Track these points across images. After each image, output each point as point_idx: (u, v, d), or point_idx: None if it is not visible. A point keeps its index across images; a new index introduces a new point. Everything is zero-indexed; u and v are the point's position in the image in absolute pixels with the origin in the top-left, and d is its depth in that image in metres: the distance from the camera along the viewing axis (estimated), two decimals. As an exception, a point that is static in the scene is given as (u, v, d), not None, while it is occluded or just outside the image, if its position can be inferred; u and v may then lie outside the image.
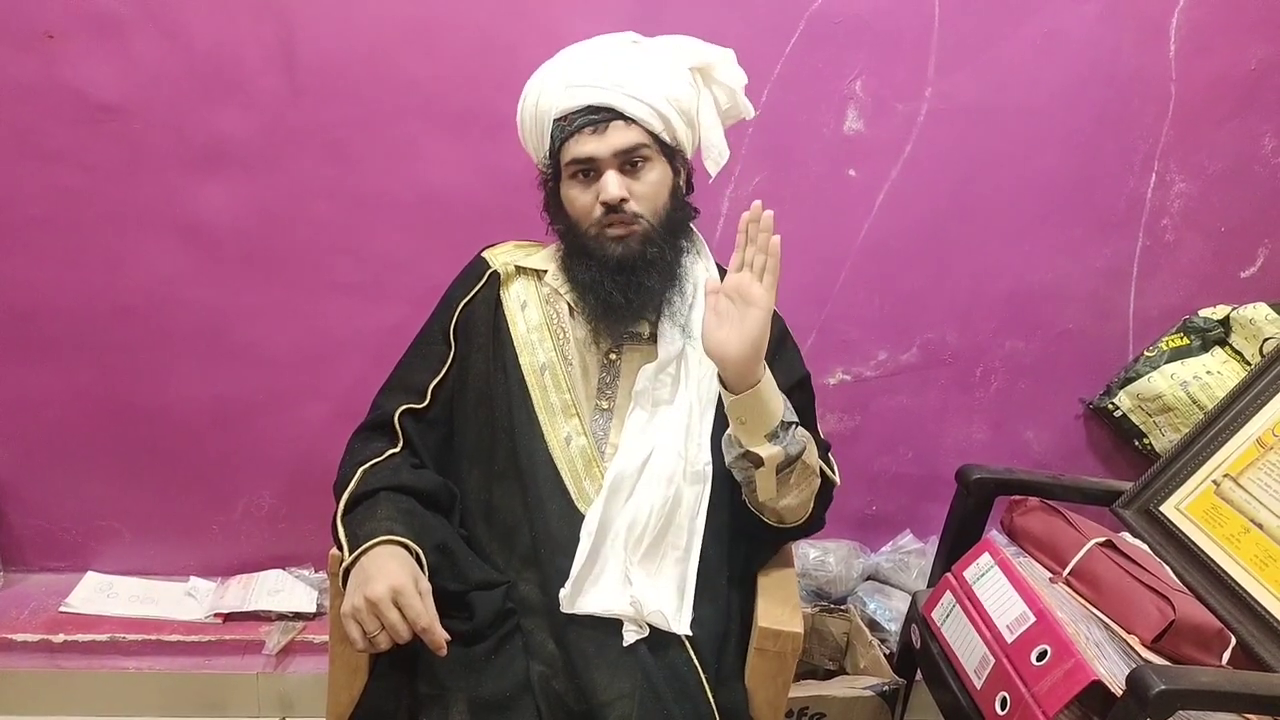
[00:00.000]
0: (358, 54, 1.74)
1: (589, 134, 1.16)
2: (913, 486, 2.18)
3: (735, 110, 1.31)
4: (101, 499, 2.00)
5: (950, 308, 2.04)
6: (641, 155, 1.18)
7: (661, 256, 1.20)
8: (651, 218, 1.19)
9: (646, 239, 1.19)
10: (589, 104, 1.16)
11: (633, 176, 1.18)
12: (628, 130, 1.16)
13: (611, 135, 1.16)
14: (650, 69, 1.19)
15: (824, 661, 1.94)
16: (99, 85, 1.71)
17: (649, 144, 1.18)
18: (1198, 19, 1.86)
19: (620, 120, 1.16)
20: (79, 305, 1.85)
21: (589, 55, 1.20)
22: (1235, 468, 1.47)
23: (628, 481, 1.16)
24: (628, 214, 1.17)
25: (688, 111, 1.22)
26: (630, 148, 1.16)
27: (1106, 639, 1.26)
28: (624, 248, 1.18)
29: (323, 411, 1.98)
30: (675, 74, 1.21)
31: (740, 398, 1.08)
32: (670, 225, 1.22)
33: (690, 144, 1.26)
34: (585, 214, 1.20)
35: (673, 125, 1.20)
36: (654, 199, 1.19)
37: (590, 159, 1.17)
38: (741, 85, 1.29)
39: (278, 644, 1.86)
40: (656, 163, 1.20)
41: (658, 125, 1.18)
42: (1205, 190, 1.98)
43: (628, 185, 1.17)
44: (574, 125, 1.17)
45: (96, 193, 1.78)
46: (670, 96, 1.19)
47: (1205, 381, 1.93)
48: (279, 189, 1.81)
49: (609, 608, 1.11)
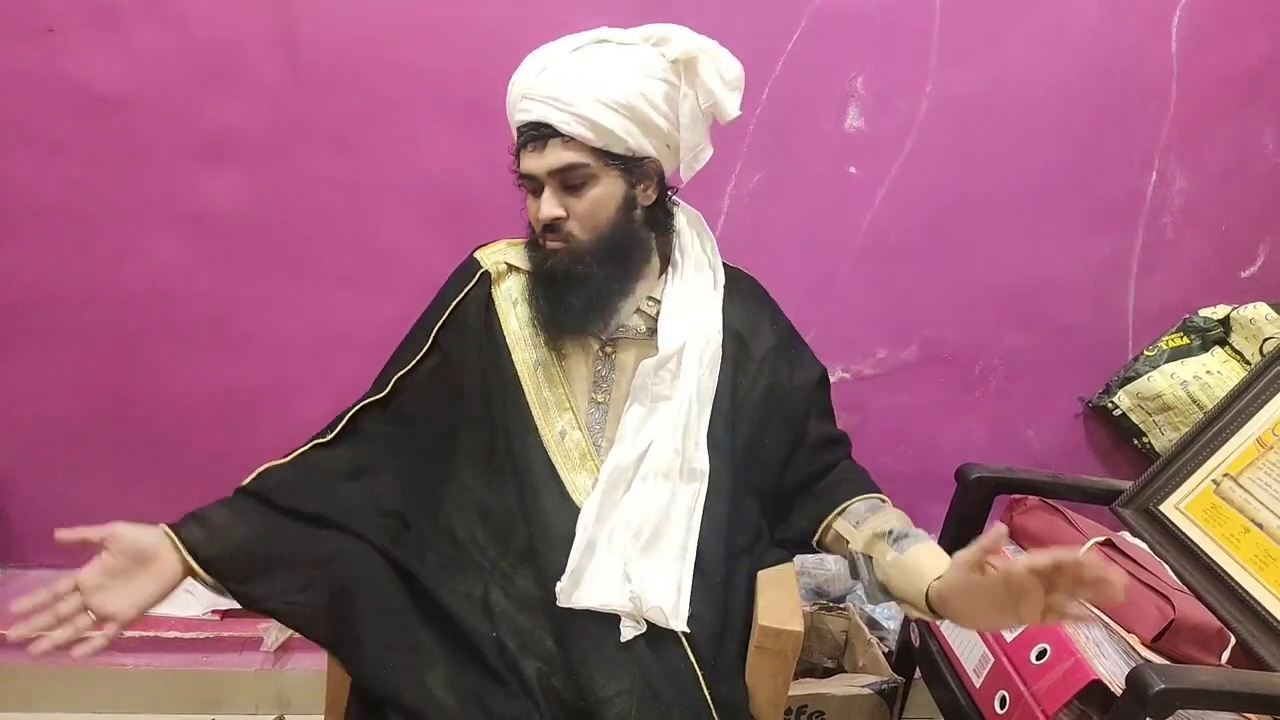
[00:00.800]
0: (360, 44, 1.74)
1: (531, 150, 1.16)
2: (912, 485, 2.17)
3: (718, 109, 1.21)
4: (102, 494, 2.00)
5: (950, 305, 2.04)
6: (580, 175, 1.15)
7: (589, 275, 1.18)
8: (586, 235, 1.17)
9: (574, 257, 1.18)
10: (531, 121, 1.15)
11: (572, 194, 1.16)
12: (564, 149, 1.13)
13: (549, 154, 1.14)
14: (603, 77, 1.13)
15: (823, 660, 1.94)
16: (101, 77, 1.71)
17: (588, 163, 1.14)
18: (1199, 15, 1.86)
19: (557, 139, 1.13)
20: (81, 297, 1.85)
21: (543, 65, 1.16)
22: (1235, 467, 1.47)
23: (624, 475, 1.16)
24: (561, 232, 1.17)
25: (646, 116, 1.15)
26: (565, 168, 1.14)
27: (1106, 638, 1.26)
28: (552, 261, 1.19)
29: (325, 404, 1.94)
30: (638, 74, 1.15)
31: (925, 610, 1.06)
32: (613, 240, 1.19)
33: (664, 146, 1.20)
34: (534, 223, 1.21)
35: (620, 136, 1.14)
36: (593, 216, 1.17)
37: (531, 175, 1.17)
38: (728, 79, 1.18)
39: (276, 640, 1.86)
40: (601, 178, 1.16)
41: (596, 140, 1.13)
42: (1206, 187, 1.98)
43: (566, 203, 1.16)
44: (522, 139, 1.17)
45: (99, 184, 1.78)
46: (622, 104, 1.13)
47: (1205, 381, 1.93)
48: (281, 180, 1.81)
49: (607, 602, 1.11)
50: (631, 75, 1.14)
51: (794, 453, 1.28)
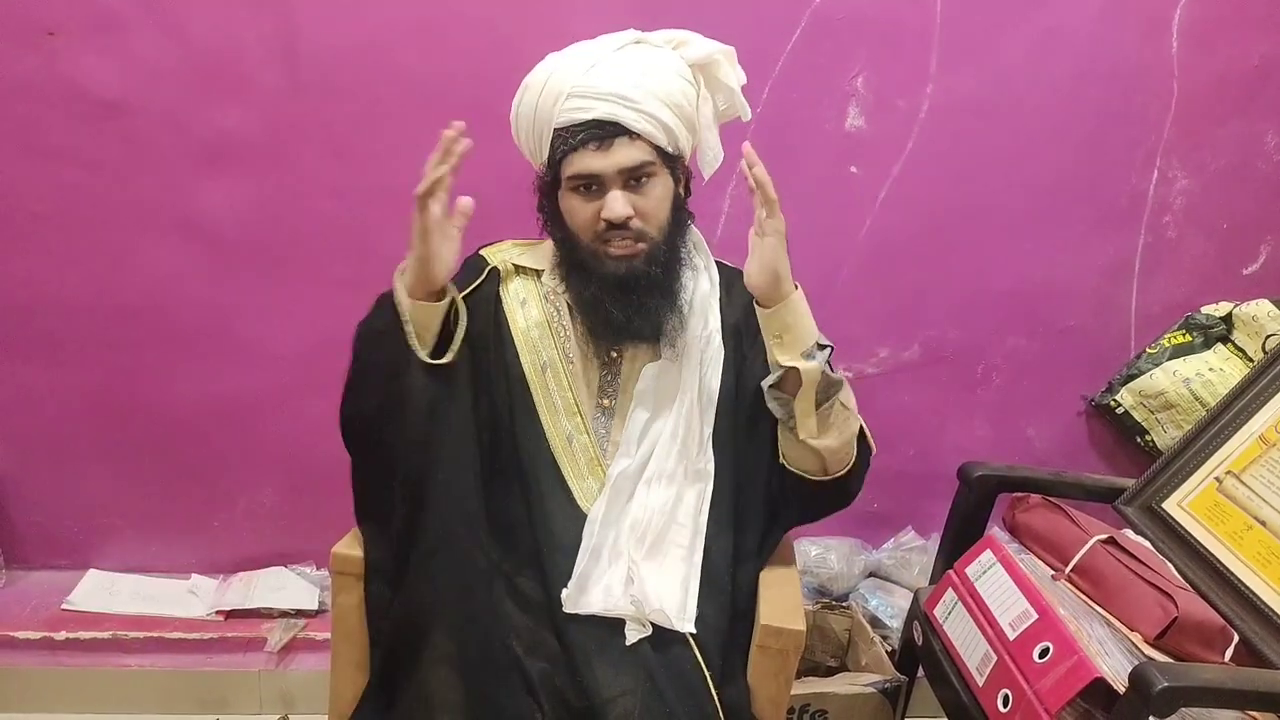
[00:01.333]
0: (359, 49, 1.74)
1: (593, 150, 1.12)
2: (914, 483, 2.18)
3: (732, 110, 1.28)
4: (103, 496, 2.00)
5: (952, 304, 2.04)
6: (647, 172, 1.14)
7: (664, 277, 1.18)
8: (656, 233, 1.17)
9: (651, 259, 1.16)
10: (593, 119, 1.12)
11: (637, 192, 1.14)
12: (632, 147, 1.12)
13: (616, 152, 1.12)
14: (654, 74, 1.15)
15: (826, 659, 1.93)
16: (100, 82, 1.71)
17: (654, 159, 1.14)
18: (1200, 16, 1.86)
19: (625, 135, 1.12)
20: (81, 302, 1.85)
21: (591, 62, 1.14)
22: (1238, 464, 1.46)
23: (630, 480, 1.17)
24: (632, 231, 1.15)
25: (689, 115, 1.18)
26: (637, 165, 1.13)
27: (1109, 636, 1.26)
28: (627, 267, 1.16)
29: (324, 408, 1.95)
30: (677, 75, 1.18)
31: (772, 311, 1.11)
32: (672, 239, 1.20)
33: (689, 147, 1.23)
34: (586, 227, 1.17)
35: (675, 134, 1.16)
36: (658, 214, 1.17)
37: (595, 175, 1.13)
38: (740, 85, 1.25)
39: (279, 641, 1.86)
40: (660, 176, 1.16)
41: (662, 138, 1.14)
42: (1207, 187, 1.98)
43: (632, 202, 1.14)
44: (577, 140, 1.13)
45: (98, 190, 1.78)
46: (673, 103, 1.15)
47: (1207, 378, 1.93)
48: (281, 185, 1.81)
49: (611, 607, 1.11)
50: (673, 75, 1.16)
51: None
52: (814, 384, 1.11)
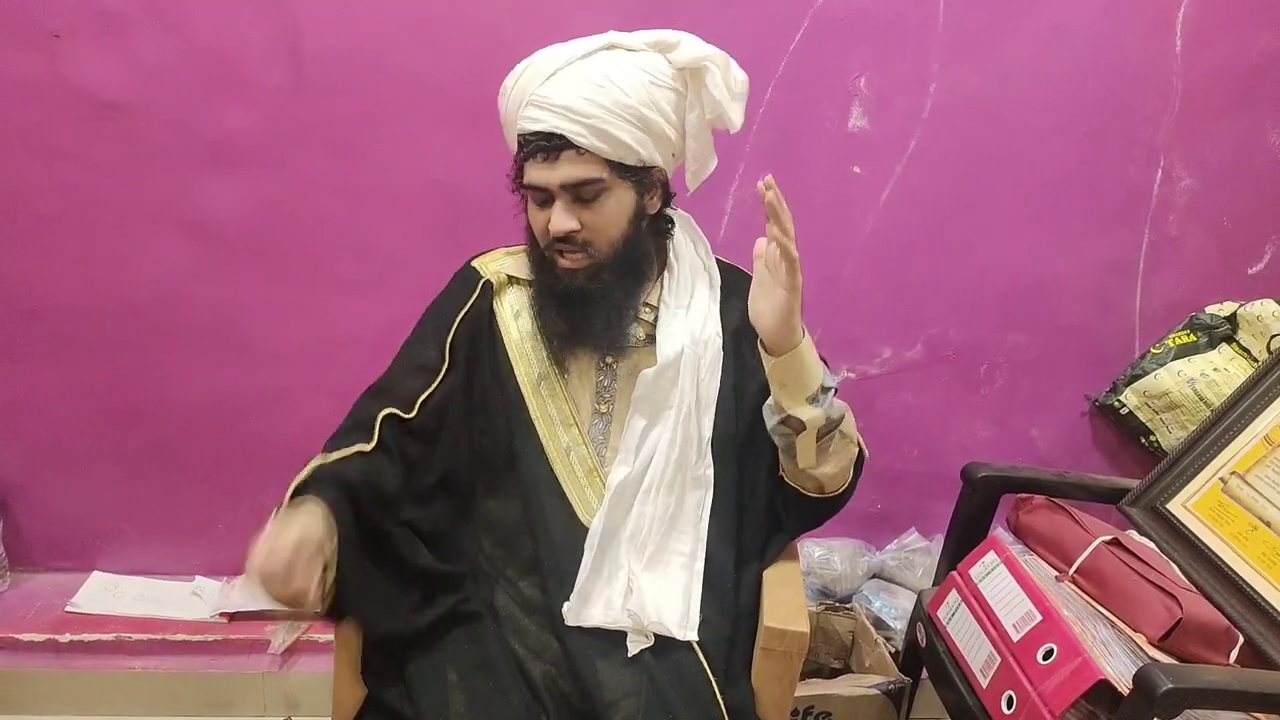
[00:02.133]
0: (362, 48, 1.74)
1: (540, 161, 1.11)
2: (918, 484, 2.18)
3: (722, 122, 1.20)
4: (107, 499, 2.00)
5: (955, 304, 2.04)
6: (595, 189, 1.11)
7: (608, 292, 1.16)
8: (604, 247, 1.15)
9: (595, 273, 1.15)
10: (539, 130, 1.10)
11: (585, 207, 1.12)
12: (579, 162, 1.10)
13: (562, 167, 1.10)
14: (617, 85, 1.10)
15: (829, 660, 1.93)
16: (104, 83, 1.72)
17: (602, 176, 1.11)
18: (1202, 13, 1.85)
19: (572, 150, 1.09)
20: (85, 303, 1.85)
21: (552, 69, 1.11)
22: (1243, 465, 1.46)
23: (630, 489, 1.16)
24: (578, 244, 1.13)
25: (658, 126, 1.13)
26: (581, 181, 1.10)
27: (1113, 637, 1.25)
28: (570, 280, 1.15)
29: (328, 408, 1.95)
30: (650, 83, 1.12)
31: (779, 360, 1.09)
32: (626, 253, 1.17)
33: (669, 155, 1.19)
34: (540, 234, 1.17)
35: (634, 148, 1.11)
36: (607, 229, 1.14)
37: (542, 187, 1.12)
38: (735, 89, 1.17)
39: (283, 643, 1.87)
40: (614, 189, 1.13)
41: (612, 154, 1.10)
42: (1210, 185, 1.98)
43: (579, 215, 1.12)
44: (529, 149, 1.12)
45: (102, 190, 1.78)
46: (636, 115, 1.10)
47: (1212, 379, 1.92)
48: (284, 185, 1.82)
49: (612, 621, 1.11)
50: (642, 84, 1.11)
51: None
52: (816, 428, 1.10)
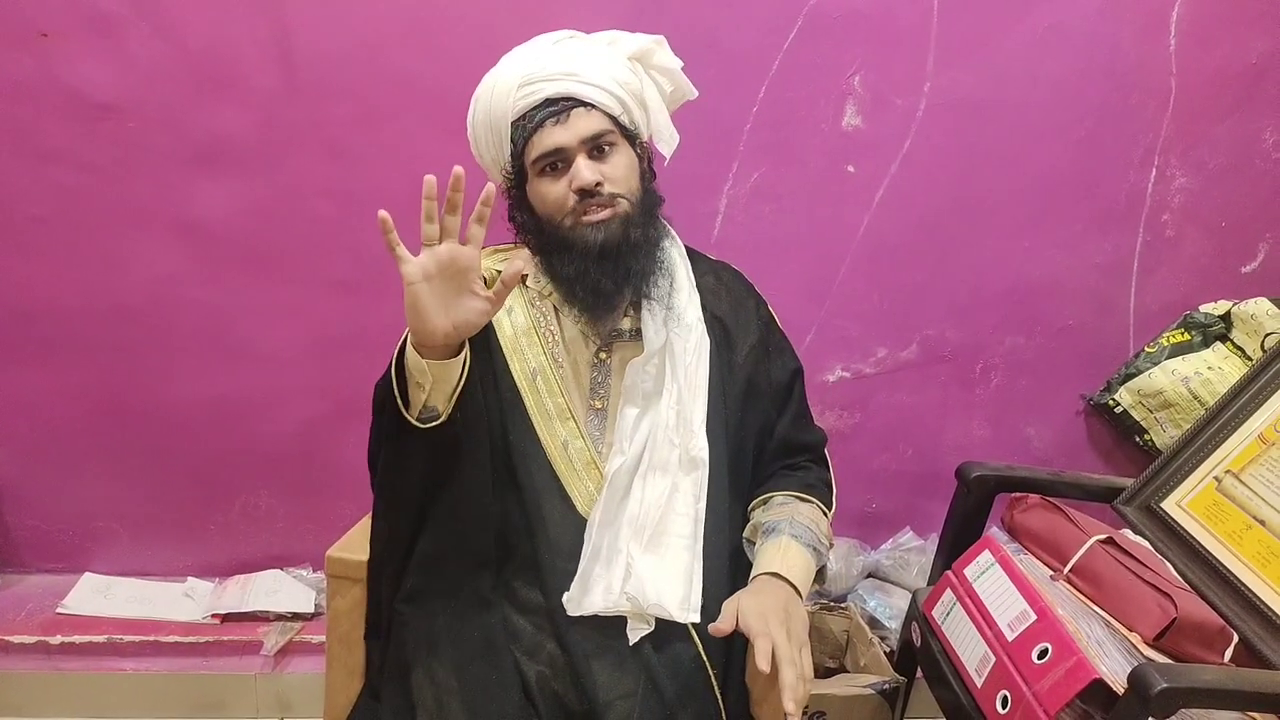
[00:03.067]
0: (354, 50, 1.74)
1: (552, 125, 1.15)
2: (913, 484, 2.18)
3: (680, 93, 1.30)
4: (99, 500, 2.00)
5: (950, 304, 2.04)
6: (608, 140, 1.17)
7: (645, 238, 1.19)
8: (627, 197, 1.18)
9: (627, 221, 1.17)
10: (546, 97, 1.15)
11: (602, 161, 1.17)
12: (590, 116, 1.15)
13: (575, 123, 1.15)
14: (596, 57, 1.19)
15: (824, 659, 1.93)
16: (95, 84, 1.71)
17: (612, 129, 1.17)
18: (1197, 13, 1.85)
19: (581, 107, 1.15)
20: (76, 304, 1.84)
21: (535, 53, 1.19)
22: (1237, 464, 1.46)
23: (626, 477, 1.15)
24: (605, 196, 1.16)
25: (638, 95, 1.22)
26: (596, 133, 1.15)
27: (1108, 637, 1.25)
28: (605, 232, 1.16)
29: (320, 410, 1.97)
30: (618, 61, 1.21)
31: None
32: (646, 206, 1.21)
33: (645, 128, 1.25)
34: (559, 206, 1.18)
35: (629, 108, 1.19)
36: (627, 180, 1.18)
37: (558, 149, 1.15)
38: (678, 67, 1.28)
39: (275, 644, 1.86)
40: (622, 147, 1.19)
41: (616, 108, 1.18)
42: (1206, 185, 1.98)
43: (599, 169, 1.16)
44: (535, 121, 1.15)
45: (93, 191, 1.77)
46: (620, 80, 1.19)
47: (1206, 377, 1.92)
48: (276, 187, 1.81)
49: (612, 605, 1.11)
50: (614, 60, 1.20)
51: (763, 450, 1.28)
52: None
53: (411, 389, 1.06)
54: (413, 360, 1.04)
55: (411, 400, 1.06)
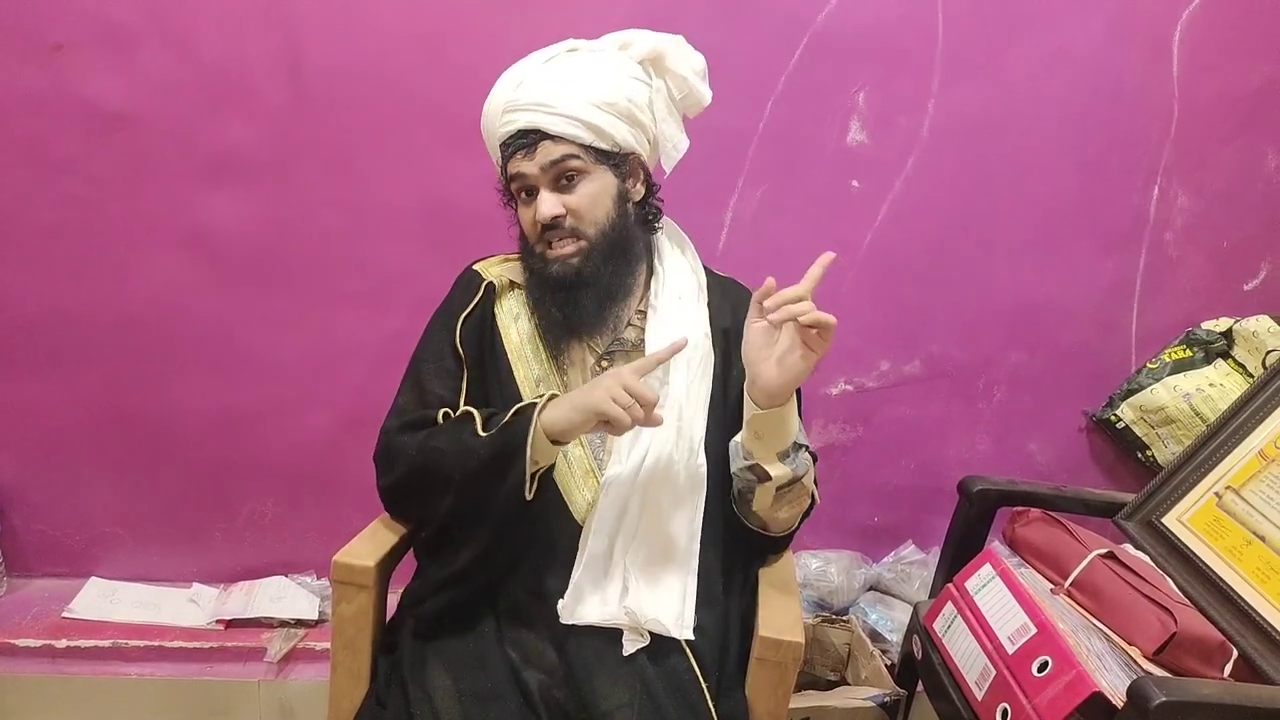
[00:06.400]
0: (364, 64, 1.76)
1: (521, 156, 1.18)
2: (915, 497, 2.18)
3: (693, 98, 1.28)
4: (105, 505, 2.01)
5: (953, 319, 2.05)
6: (572, 169, 1.18)
7: (599, 275, 1.20)
8: (591, 229, 1.19)
9: (586, 256, 1.19)
10: (519, 129, 1.18)
11: (567, 191, 1.18)
12: (556, 146, 1.17)
13: (539, 154, 1.17)
14: (582, 79, 1.19)
15: (825, 672, 1.93)
16: (107, 96, 1.73)
17: (578, 155, 1.18)
18: (1201, 37, 1.87)
19: (548, 140, 1.17)
20: (85, 313, 1.86)
21: (520, 79, 1.21)
22: (1237, 480, 1.46)
23: (624, 487, 1.16)
24: (566, 229, 1.19)
25: (629, 112, 1.21)
26: (559, 159, 1.17)
27: (1108, 650, 1.26)
28: (561, 266, 1.19)
29: (326, 420, 1.98)
30: (615, 75, 1.21)
31: (764, 414, 1.10)
32: (614, 235, 1.21)
33: (642, 143, 1.25)
34: (530, 232, 1.23)
35: (608, 132, 1.18)
36: (592, 210, 1.19)
37: (523, 176, 1.19)
38: (696, 70, 1.26)
39: (279, 651, 1.87)
40: (593, 173, 1.19)
41: (586, 137, 1.18)
42: (1208, 207, 1.99)
43: (563, 200, 1.18)
44: (510, 149, 1.20)
45: (103, 202, 1.79)
46: (605, 102, 1.18)
47: (1208, 394, 1.93)
48: (285, 199, 1.83)
49: (607, 618, 1.11)
50: (610, 76, 1.20)
51: None
52: (780, 483, 1.14)
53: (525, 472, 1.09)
54: (545, 450, 1.09)
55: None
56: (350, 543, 1.24)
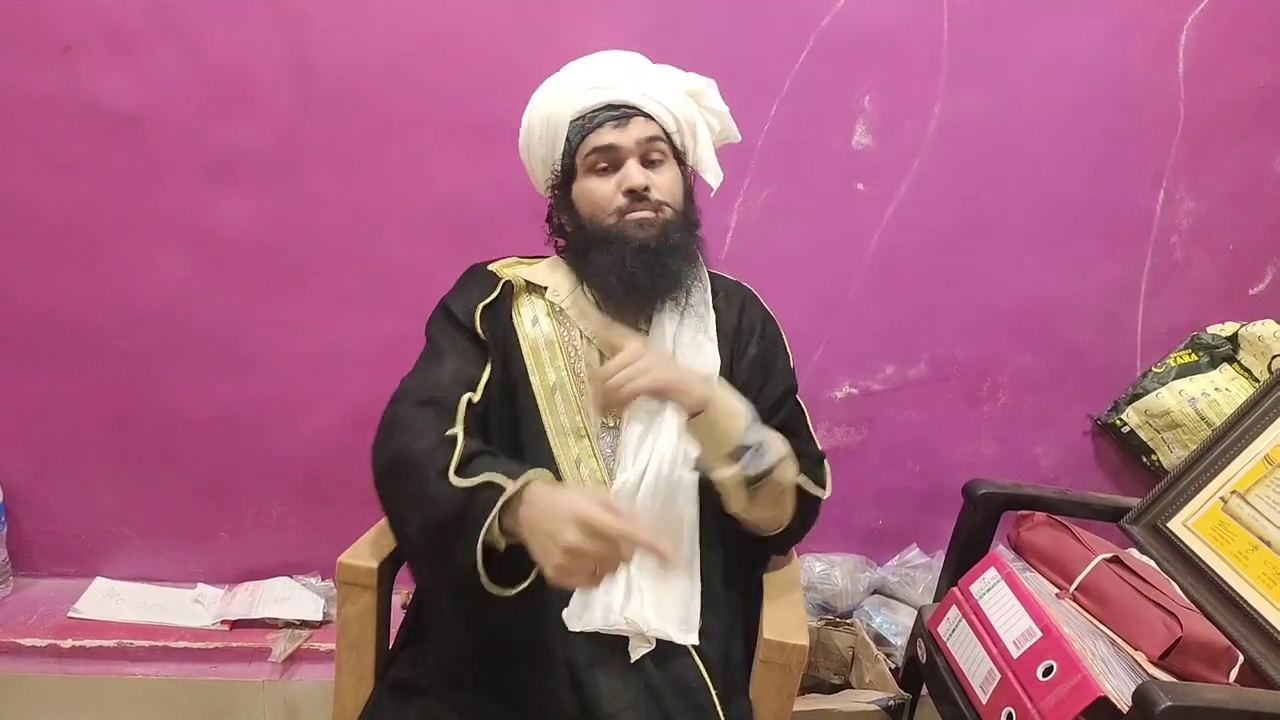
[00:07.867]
0: (372, 66, 1.76)
1: (611, 127, 1.19)
2: (920, 501, 2.18)
3: (724, 134, 1.37)
4: (111, 505, 2.01)
5: (959, 323, 2.04)
6: (659, 150, 1.21)
7: (684, 246, 1.22)
8: (669, 210, 1.21)
9: (669, 227, 1.20)
10: (610, 101, 1.20)
11: (652, 170, 1.21)
12: (648, 125, 1.21)
13: (633, 128, 1.19)
14: (659, 76, 1.26)
15: (829, 675, 1.93)
16: (115, 97, 1.73)
17: (663, 139, 1.22)
18: (1206, 39, 1.87)
19: (641, 116, 1.20)
20: (92, 313, 1.86)
21: (603, 60, 1.26)
22: (1243, 484, 1.46)
23: (629, 494, 1.16)
24: (652, 201, 1.19)
25: (691, 123, 1.28)
26: (651, 138, 1.20)
27: (1113, 655, 1.26)
28: (646, 232, 1.18)
29: (332, 420, 1.99)
30: (677, 84, 1.27)
31: (693, 421, 1.10)
32: (686, 225, 1.24)
33: (693, 154, 1.29)
34: (605, 203, 1.20)
35: (681, 127, 1.25)
36: (674, 192, 1.22)
37: (612, 146, 1.19)
38: (726, 111, 1.34)
39: (284, 651, 1.87)
40: (671, 162, 1.24)
41: (671, 125, 1.23)
42: (1213, 209, 1.99)
43: (650, 176, 1.20)
44: (595, 121, 1.20)
45: (111, 203, 1.80)
46: (679, 103, 1.25)
47: (1213, 398, 1.93)
48: (292, 200, 1.83)
49: (613, 624, 1.11)
50: (674, 83, 1.27)
51: None
52: (735, 483, 1.10)
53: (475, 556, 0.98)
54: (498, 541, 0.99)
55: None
56: (355, 544, 1.25)
